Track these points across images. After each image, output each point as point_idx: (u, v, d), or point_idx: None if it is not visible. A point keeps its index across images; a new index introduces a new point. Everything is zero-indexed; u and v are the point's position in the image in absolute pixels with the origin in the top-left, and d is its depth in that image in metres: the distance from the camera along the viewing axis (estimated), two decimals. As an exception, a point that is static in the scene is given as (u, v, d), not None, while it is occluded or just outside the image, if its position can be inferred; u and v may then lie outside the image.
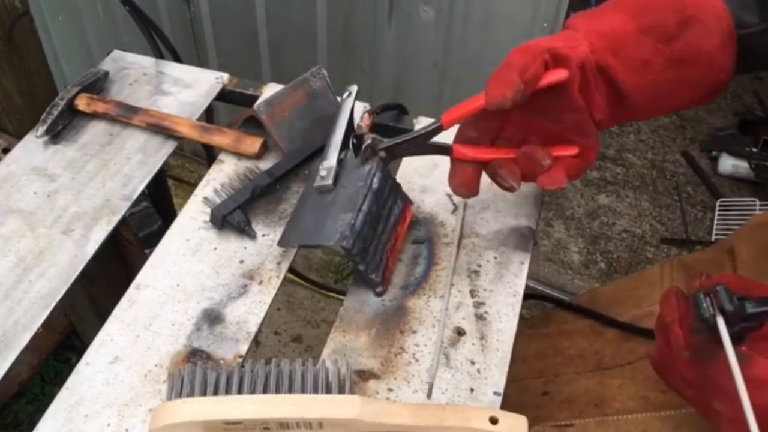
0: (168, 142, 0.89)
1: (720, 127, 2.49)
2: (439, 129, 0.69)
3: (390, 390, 0.65)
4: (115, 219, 0.79)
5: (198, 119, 0.92)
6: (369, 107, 0.90)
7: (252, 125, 0.87)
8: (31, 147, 0.88)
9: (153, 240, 0.83)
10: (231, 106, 0.99)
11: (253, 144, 0.85)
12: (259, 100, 0.91)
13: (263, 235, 0.78)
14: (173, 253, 0.76)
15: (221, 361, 0.66)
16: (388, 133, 0.75)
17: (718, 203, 2.19)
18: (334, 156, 0.74)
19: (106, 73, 0.96)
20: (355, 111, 0.79)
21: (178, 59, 1.04)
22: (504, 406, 0.63)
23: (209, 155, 0.94)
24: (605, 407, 0.76)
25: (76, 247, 0.76)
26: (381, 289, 0.71)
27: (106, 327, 0.69)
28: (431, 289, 0.73)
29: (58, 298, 0.71)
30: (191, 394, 0.59)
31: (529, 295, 0.88)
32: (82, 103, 0.90)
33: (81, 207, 0.80)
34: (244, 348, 0.68)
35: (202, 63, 1.80)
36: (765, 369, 0.51)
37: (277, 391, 0.59)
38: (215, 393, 0.59)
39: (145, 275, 0.74)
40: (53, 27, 1.88)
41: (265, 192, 0.81)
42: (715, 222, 2.15)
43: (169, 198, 1.16)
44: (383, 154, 0.72)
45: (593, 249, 2.11)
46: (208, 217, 0.79)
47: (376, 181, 0.71)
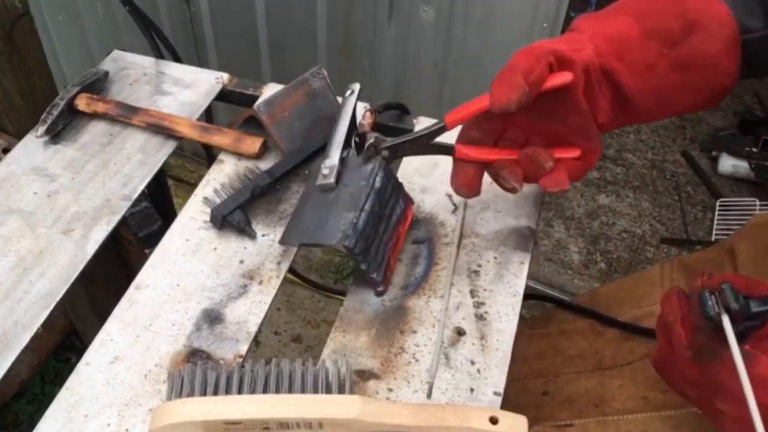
0: (168, 142, 0.89)
1: (720, 127, 2.49)
2: (443, 129, 0.69)
3: (390, 390, 0.65)
4: (115, 219, 0.79)
5: (198, 119, 0.92)
6: (370, 106, 0.90)
7: (252, 125, 0.87)
8: (31, 147, 0.88)
9: (153, 240, 0.83)
10: (231, 106, 0.99)
11: (253, 144, 0.85)
12: (259, 100, 0.91)
13: (263, 235, 0.78)
14: (173, 253, 0.76)
15: (221, 361, 0.66)
16: (389, 134, 0.75)
17: (718, 203, 2.18)
18: (336, 154, 0.73)
19: (106, 73, 0.96)
20: (356, 111, 0.79)
21: (178, 59, 1.04)
22: (504, 406, 0.63)
23: (209, 155, 0.94)
24: (605, 407, 0.76)
25: (76, 247, 0.76)
26: (382, 289, 0.71)
27: (106, 327, 0.69)
28: (431, 289, 0.73)
29: (58, 298, 0.71)
30: (191, 394, 0.59)
31: (529, 295, 0.88)
32: (82, 103, 0.90)
33: (81, 207, 0.80)
34: (244, 348, 0.68)
35: (202, 63, 1.80)
36: None
37: (277, 391, 0.59)
38: (215, 393, 0.59)
39: (145, 275, 0.74)
40: (53, 27, 1.88)
41: (265, 192, 0.81)
42: (715, 222, 2.15)
43: (169, 198, 1.16)
44: (386, 153, 0.72)
45: (593, 249, 2.10)
46: (208, 217, 0.79)
47: (378, 181, 0.71)
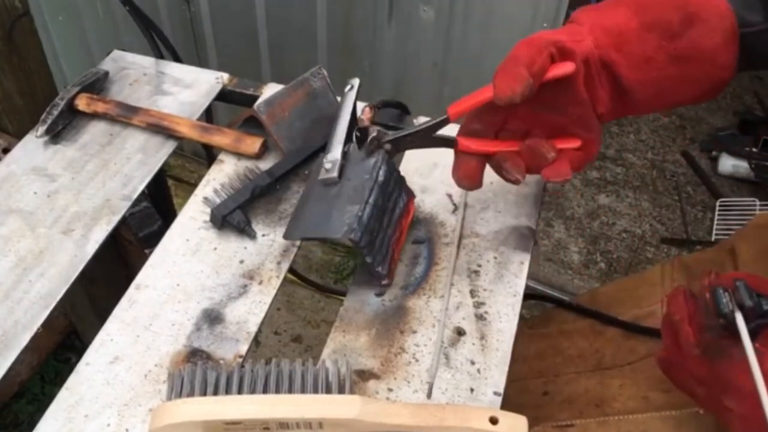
0: (168, 142, 0.89)
1: (720, 127, 2.49)
2: (446, 121, 0.69)
3: (390, 390, 0.65)
4: (115, 219, 0.79)
5: (198, 119, 0.92)
6: (369, 103, 0.90)
7: (252, 125, 0.87)
8: (31, 147, 0.88)
9: (153, 240, 0.83)
10: (231, 106, 0.99)
11: (253, 144, 0.85)
12: (259, 100, 0.91)
13: (263, 235, 0.78)
14: (173, 253, 0.76)
15: (221, 361, 0.66)
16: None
17: (718, 203, 2.18)
18: (338, 149, 0.73)
19: (106, 73, 0.96)
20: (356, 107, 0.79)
21: (178, 59, 1.04)
22: (504, 406, 0.63)
23: (209, 155, 0.94)
24: (606, 407, 0.76)
25: (76, 247, 0.76)
26: (387, 282, 0.71)
27: (106, 327, 0.69)
28: (431, 289, 0.73)
29: (58, 298, 0.71)
30: (191, 394, 0.59)
31: (529, 295, 0.88)
32: (82, 103, 0.90)
33: (81, 207, 0.80)
34: (244, 348, 0.68)
35: (202, 63, 1.80)
36: None
37: (277, 391, 0.59)
38: (215, 393, 0.59)
39: (145, 275, 0.74)
40: (53, 27, 1.88)
41: (265, 192, 0.81)
42: (715, 222, 2.15)
43: (169, 198, 1.16)
44: (388, 146, 0.71)
45: (593, 249, 2.10)
46: (208, 217, 0.78)
47: (382, 174, 0.70)
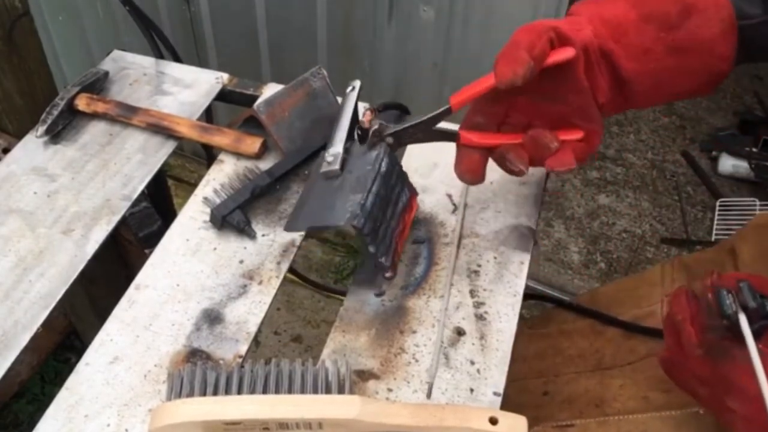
0: (168, 142, 0.89)
1: (720, 127, 2.49)
2: (448, 112, 0.68)
3: (390, 390, 0.65)
4: (115, 219, 0.79)
5: (198, 119, 0.92)
6: (369, 105, 0.90)
7: (252, 125, 0.87)
8: (31, 147, 0.88)
9: (153, 240, 0.82)
10: (231, 106, 0.99)
11: (253, 144, 0.85)
12: (259, 100, 0.91)
13: (263, 235, 0.78)
14: (173, 253, 0.76)
15: (221, 361, 0.66)
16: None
17: (718, 203, 2.18)
18: (340, 143, 0.73)
19: (106, 73, 0.96)
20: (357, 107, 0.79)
21: (178, 59, 1.04)
22: (504, 406, 0.63)
23: (209, 155, 0.94)
24: (606, 407, 0.76)
25: (76, 247, 0.76)
26: (390, 275, 0.71)
27: (106, 327, 0.69)
28: (431, 289, 0.73)
29: (58, 298, 0.71)
30: (191, 394, 0.59)
31: (529, 295, 0.88)
32: (82, 103, 0.90)
33: (81, 207, 0.80)
34: (243, 348, 0.68)
35: (202, 63, 1.80)
36: None
37: (277, 391, 0.59)
38: (215, 393, 0.59)
39: (145, 275, 0.74)
40: (53, 27, 1.88)
41: (265, 192, 0.81)
42: (715, 222, 2.15)
43: (169, 198, 1.16)
44: (390, 140, 0.71)
45: (593, 249, 2.10)
46: (208, 217, 0.78)
47: (384, 165, 0.70)
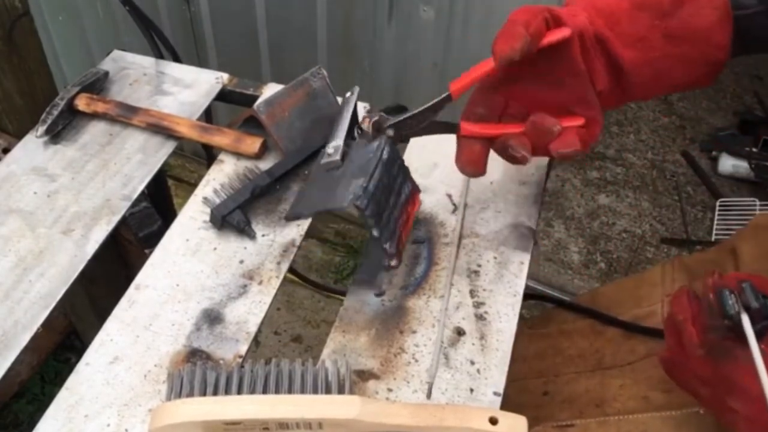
0: (168, 142, 0.89)
1: (720, 127, 2.49)
2: (448, 99, 0.68)
3: (390, 390, 0.65)
4: (115, 219, 0.79)
5: (198, 119, 0.92)
6: (369, 106, 0.90)
7: (252, 125, 0.87)
8: (31, 147, 0.88)
9: (153, 240, 0.82)
10: (231, 106, 0.99)
11: (253, 144, 0.85)
12: (259, 100, 0.91)
13: (263, 235, 0.78)
14: (173, 253, 0.76)
15: (221, 361, 0.66)
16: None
17: (718, 203, 2.18)
18: (341, 137, 0.73)
19: (106, 73, 0.96)
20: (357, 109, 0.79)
21: (178, 59, 1.04)
22: (504, 406, 0.63)
23: (209, 155, 0.94)
24: (606, 407, 0.76)
25: (76, 247, 0.76)
26: (395, 263, 0.70)
27: (106, 327, 0.69)
28: (431, 289, 0.73)
29: (58, 298, 0.71)
30: (191, 394, 0.59)
31: (529, 295, 0.88)
32: (82, 103, 0.90)
33: (81, 207, 0.80)
34: (243, 348, 0.68)
35: (202, 63, 1.80)
36: None
37: (277, 391, 0.59)
38: (215, 393, 0.59)
39: (145, 275, 0.74)
40: (53, 27, 1.88)
41: (265, 192, 0.81)
42: (715, 222, 2.15)
43: (169, 198, 1.16)
44: (391, 132, 0.71)
45: (593, 249, 2.10)
46: (208, 217, 0.78)
47: (385, 153, 0.69)
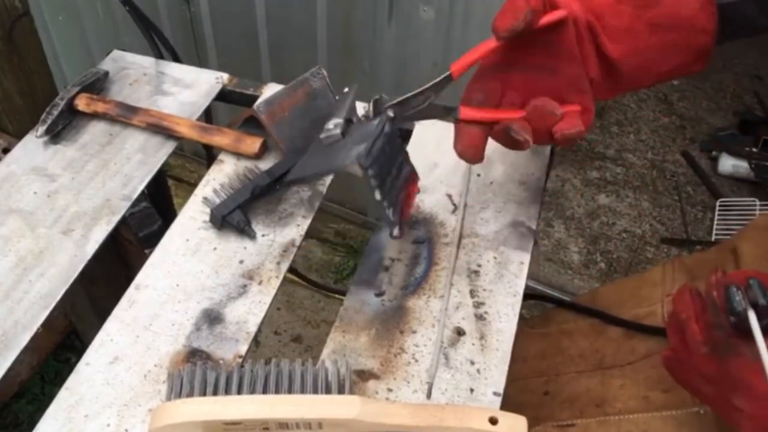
0: (168, 142, 0.89)
1: (720, 127, 2.49)
2: (448, 79, 0.68)
3: (390, 390, 0.65)
4: (115, 219, 0.79)
5: (198, 119, 0.92)
6: (368, 107, 0.89)
7: (252, 125, 0.87)
8: (31, 147, 0.88)
9: (153, 240, 0.82)
10: (231, 106, 0.99)
11: (253, 144, 0.85)
12: (259, 100, 0.91)
13: (263, 235, 0.78)
14: (173, 253, 0.76)
15: (221, 361, 0.66)
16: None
17: (718, 203, 2.18)
18: (341, 115, 0.71)
19: (106, 73, 0.96)
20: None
21: (177, 59, 1.04)
22: (504, 406, 0.63)
23: (209, 155, 0.94)
24: (606, 407, 0.76)
25: (76, 247, 0.76)
26: (398, 234, 0.69)
27: (106, 327, 0.69)
28: (431, 289, 0.73)
29: (58, 298, 0.71)
30: (191, 394, 0.59)
31: (529, 295, 0.88)
32: (82, 103, 0.90)
33: (81, 207, 0.80)
34: (243, 348, 0.68)
35: (202, 63, 1.80)
36: None
37: (277, 391, 0.59)
38: (215, 393, 0.59)
39: (145, 275, 0.74)
40: (53, 27, 1.88)
41: (265, 192, 0.81)
42: (715, 222, 2.15)
43: (169, 198, 1.16)
44: (391, 112, 0.70)
45: (593, 249, 2.10)
46: (208, 217, 0.78)
47: (387, 127, 0.69)
